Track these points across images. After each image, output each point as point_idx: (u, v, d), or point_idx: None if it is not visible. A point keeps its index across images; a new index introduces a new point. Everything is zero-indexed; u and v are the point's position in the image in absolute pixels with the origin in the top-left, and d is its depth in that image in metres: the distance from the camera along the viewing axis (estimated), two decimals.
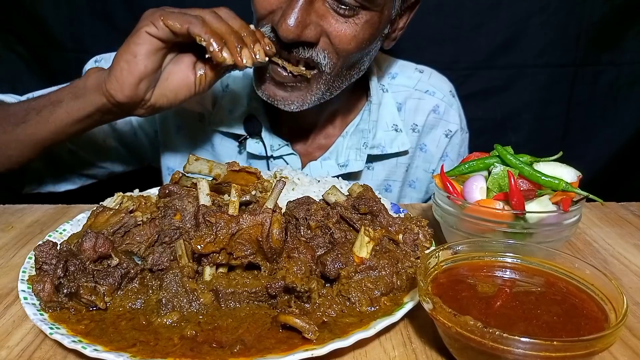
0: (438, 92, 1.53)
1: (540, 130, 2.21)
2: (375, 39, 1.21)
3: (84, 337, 0.72)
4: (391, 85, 1.51)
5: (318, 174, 1.42)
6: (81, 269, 0.81)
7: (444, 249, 0.80)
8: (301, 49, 1.13)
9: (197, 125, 1.49)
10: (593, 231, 1.18)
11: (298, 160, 1.46)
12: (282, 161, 1.46)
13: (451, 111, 1.54)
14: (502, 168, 0.95)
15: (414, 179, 1.56)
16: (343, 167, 1.43)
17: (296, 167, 1.45)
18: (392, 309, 0.80)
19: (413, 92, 1.51)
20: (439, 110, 1.52)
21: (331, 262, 0.82)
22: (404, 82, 1.52)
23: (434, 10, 2.01)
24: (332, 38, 1.13)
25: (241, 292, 0.80)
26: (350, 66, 1.23)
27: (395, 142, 1.45)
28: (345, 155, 1.44)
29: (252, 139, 1.42)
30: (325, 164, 1.45)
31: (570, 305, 0.71)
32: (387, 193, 1.54)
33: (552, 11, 2.03)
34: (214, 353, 0.70)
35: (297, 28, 1.07)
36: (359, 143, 1.44)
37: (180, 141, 1.51)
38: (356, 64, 1.24)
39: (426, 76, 1.55)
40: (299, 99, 1.22)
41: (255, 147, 1.42)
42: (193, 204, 0.90)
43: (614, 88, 2.17)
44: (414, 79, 1.53)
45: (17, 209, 1.28)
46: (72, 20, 2.08)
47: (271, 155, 1.43)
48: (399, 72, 1.53)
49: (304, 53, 1.14)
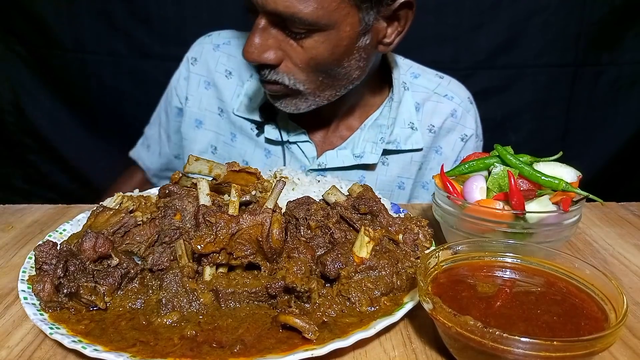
0: (457, 98, 1.57)
1: (540, 130, 2.22)
2: (348, 53, 1.23)
3: (84, 337, 0.72)
4: (412, 84, 1.55)
5: (333, 163, 1.47)
6: (81, 269, 0.81)
7: (444, 249, 0.80)
8: (267, 71, 1.24)
9: (216, 118, 1.55)
10: (593, 231, 1.18)
11: (313, 148, 1.50)
12: (297, 148, 1.50)
13: (468, 117, 1.57)
14: (502, 168, 0.95)
15: (427, 180, 1.60)
16: (358, 158, 1.47)
17: (311, 154, 1.50)
18: (392, 309, 0.80)
19: (432, 94, 1.55)
20: (457, 115, 1.56)
21: (331, 262, 0.82)
22: (425, 84, 1.56)
23: (434, 10, 2.02)
24: (292, 59, 1.22)
25: (241, 292, 0.80)
26: (333, 76, 1.27)
27: (410, 139, 1.49)
28: (362, 147, 1.48)
29: (268, 124, 1.49)
30: (341, 153, 1.49)
31: (570, 305, 0.71)
32: (401, 191, 1.56)
33: (552, 11, 2.03)
34: (214, 353, 0.70)
35: (256, 52, 1.19)
36: (376, 137, 1.48)
37: (200, 135, 1.57)
38: (337, 75, 1.27)
39: (446, 82, 1.60)
40: (291, 105, 1.33)
41: (272, 133, 1.49)
42: (193, 204, 0.90)
43: (614, 88, 2.17)
44: (434, 83, 1.57)
45: (17, 209, 1.28)
46: (72, 20, 2.08)
47: (287, 141, 1.49)
48: (421, 73, 1.58)
49: (270, 75, 1.24)
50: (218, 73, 1.53)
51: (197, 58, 1.55)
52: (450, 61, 2.07)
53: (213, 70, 1.53)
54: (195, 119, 1.56)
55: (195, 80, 1.54)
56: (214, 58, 1.54)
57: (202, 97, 1.54)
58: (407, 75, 1.55)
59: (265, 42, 1.19)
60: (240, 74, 1.52)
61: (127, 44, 2.16)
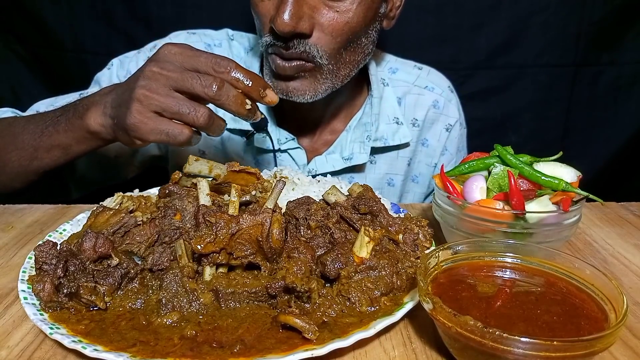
0: (437, 88, 1.58)
1: (540, 130, 2.21)
2: (372, 20, 1.24)
3: (84, 337, 0.72)
4: (391, 79, 1.55)
5: (324, 168, 1.46)
6: (81, 269, 0.81)
7: (444, 249, 0.80)
8: (296, 42, 1.18)
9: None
10: (593, 231, 1.18)
11: (304, 154, 1.49)
12: (287, 155, 1.49)
13: (450, 106, 1.58)
14: (502, 168, 0.95)
15: (416, 173, 1.60)
16: (348, 160, 1.47)
17: (301, 161, 1.48)
18: (392, 309, 0.80)
19: (412, 87, 1.56)
20: (439, 105, 1.56)
21: (331, 262, 0.82)
22: (404, 77, 1.57)
23: (434, 10, 2.02)
24: (325, 28, 1.19)
25: (241, 292, 0.80)
26: (352, 50, 1.26)
27: (397, 134, 1.49)
28: (350, 148, 1.48)
29: (258, 133, 1.46)
30: (330, 157, 1.49)
31: (570, 305, 0.71)
32: (390, 187, 1.56)
33: (552, 11, 2.03)
34: (214, 353, 0.70)
35: (292, 20, 1.13)
36: (363, 136, 1.47)
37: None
38: (357, 47, 1.27)
39: (425, 73, 1.60)
40: (310, 88, 1.27)
41: (262, 142, 1.46)
42: (193, 204, 0.90)
43: (614, 88, 2.16)
44: (413, 75, 1.58)
45: (17, 209, 1.28)
46: (72, 20, 2.08)
47: (278, 149, 1.47)
48: (399, 67, 1.58)
49: (299, 47, 1.19)
50: None
51: None
52: (450, 61, 2.07)
53: None
54: None
55: None
56: None
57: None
58: (385, 72, 1.55)
59: (300, 10, 1.15)
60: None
61: (127, 44, 2.16)
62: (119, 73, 1.51)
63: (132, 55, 1.54)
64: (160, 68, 0.94)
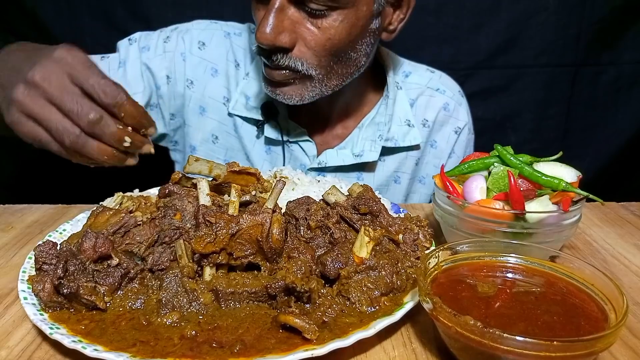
0: (448, 91, 1.60)
1: (540, 130, 2.22)
2: (360, 36, 1.24)
3: (84, 337, 0.72)
4: (405, 83, 1.57)
5: (333, 162, 1.48)
6: (81, 269, 0.81)
7: (444, 249, 0.80)
8: (279, 56, 1.20)
9: (221, 107, 1.53)
10: (593, 231, 1.18)
11: (314, 147, 1.51)
12: (297, 146, 1.50)
13: (460, 109, 1.60)
14: (502, 168, 0.96)
15: (424, 174, 1.62)
16: (358, 157, 1.48)
17: (311, 153, 1.50)
18: (392, 309, 0.80)
19: (425, 89, 1.58)
20: (449, 108, 1.58)
21: (331, 262, 0.82)
22: (417, 80, 1.59)
23: (434, 10, 2.02)
24: (307, 43, 1.19)
25: (241, 292, 0.80)
26: (343, 64, 1.27)
27: (408, 136, 1.51)
28: (361, 145, 1.49)
29: (269, 124, 1.48)
30: (341, 152, 1.50)
31: (570, 305, 0.71)
32: (396, 185, 1.58)
33: (552, 11, 2.03)
34: (214, 353, 0.70)
35: (271, 34, 1.14)
36: (374, 135, 1.49)
37: (204, 122, 1.54)
38: (348, 61, 1.27)
39: (437, 76, 1.62)
40: (297, 93, 1.28)
41: (272, 132, 1.48)
42: (193, 204, 0.90)
43: (614, 88, 2.17)
44: (425, 78, 1.60)
45: (17, 209, 1.28)
46: (72, 20, 2.08)
47: (287, 140, 1.49)
48: (412, 70, 1.60)
49: (282, 60, 1.20)
50: (229, 62, 1.51)
51: (205, 43, 1.51)
52: (450, 61, 2.07)
53: (224, 59, 1.51)
54: (200, 106, 1.53)
55: (202, 66, 1.50)
56: (224, 46, 1.51)
57: (208, 84, 1.51)
58: (399, 76, 1.57)
59: (280, 24, 1.15)
60: (245, 66, 1.50)
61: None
62: (141, 45, 1.49)
63: (155, 35, 1.54)
64: (43, 79, 0.87)
